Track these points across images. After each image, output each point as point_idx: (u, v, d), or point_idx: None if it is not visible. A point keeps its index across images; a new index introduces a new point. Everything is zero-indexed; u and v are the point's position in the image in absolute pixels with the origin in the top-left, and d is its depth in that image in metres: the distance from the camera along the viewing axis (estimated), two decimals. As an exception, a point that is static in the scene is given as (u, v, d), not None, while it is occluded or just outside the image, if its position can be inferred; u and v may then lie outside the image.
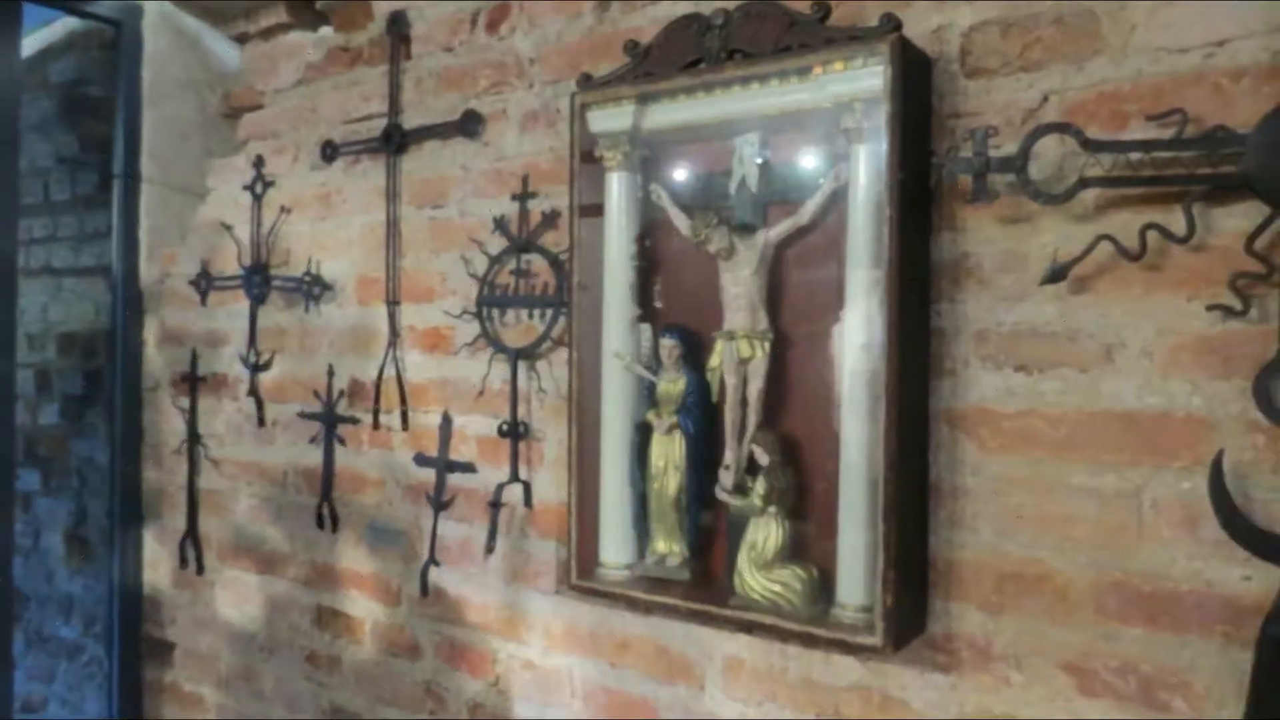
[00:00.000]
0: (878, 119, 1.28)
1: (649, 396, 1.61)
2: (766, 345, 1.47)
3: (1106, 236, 1.19)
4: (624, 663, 1.71)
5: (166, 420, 2.55)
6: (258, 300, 2.30)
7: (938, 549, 1.37)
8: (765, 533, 1.45)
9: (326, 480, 2.19)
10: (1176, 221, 1.14)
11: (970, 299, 1.34)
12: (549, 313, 1.78)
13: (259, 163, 2.32)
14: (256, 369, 2.31)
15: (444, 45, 1.99)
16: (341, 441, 2.17)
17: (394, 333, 2.05)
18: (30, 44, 2.76)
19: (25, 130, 2.45)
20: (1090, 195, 1.22)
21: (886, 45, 1.26)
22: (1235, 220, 1.14)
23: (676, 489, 1.57)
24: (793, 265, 1.50)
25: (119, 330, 2.58)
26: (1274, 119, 1.08)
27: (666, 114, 1.53)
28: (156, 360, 2.59)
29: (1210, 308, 1.14)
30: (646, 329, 1.62)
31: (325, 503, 2.18)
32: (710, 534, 1.59)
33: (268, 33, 2.38)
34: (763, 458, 1.46)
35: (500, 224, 1.86)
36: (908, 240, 1.28)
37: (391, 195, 2.05)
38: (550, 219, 1.79)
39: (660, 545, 1.59)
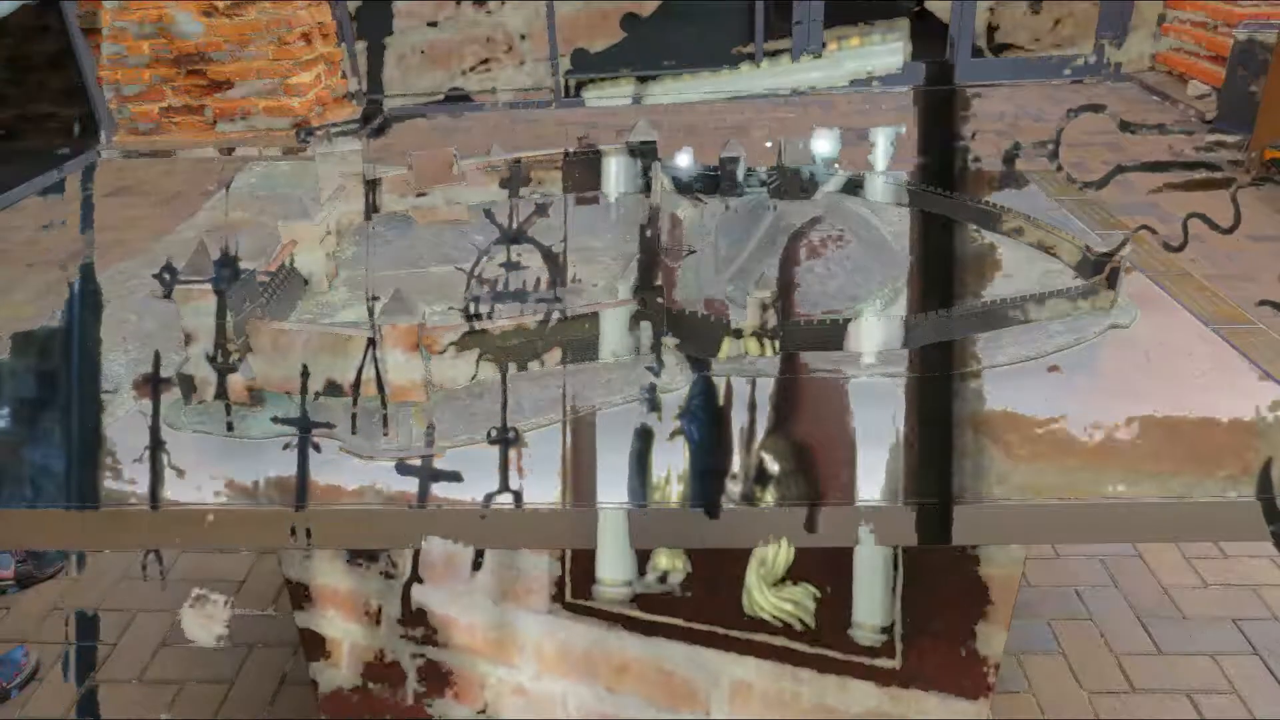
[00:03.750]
0: (898, 99, 1.28)
1: (650, 399, 1.60)
2: (777, 343, 1.47)
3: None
4: (623, 687, 1.71)
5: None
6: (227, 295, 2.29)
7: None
8: (776, 547, 1.44)
9: (300, 490, 2.17)
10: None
11: (998, 294, 1.34)
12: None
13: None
14: (226, 370, 2.29)
15: (428, 19, 1.98)
16: (317, 448, 2.16)
17: (375, 330, 2.04)
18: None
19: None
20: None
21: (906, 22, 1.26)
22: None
23: (680, 499, 1.56)
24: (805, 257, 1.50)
25: (74, 328, 2.57)
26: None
27: (669, 93, 1.52)
28: (116, 361, 2.58)
29: (1260, 304, 1.14)
30: (648, 326, 1.62)
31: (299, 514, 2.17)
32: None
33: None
34: (773, 465, 1.45)
35: (490, 214, 1.85)
36: (931, 230, 1.28)
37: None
38: (544, 209, 1.78)
39: (662, 560, 1.59)
